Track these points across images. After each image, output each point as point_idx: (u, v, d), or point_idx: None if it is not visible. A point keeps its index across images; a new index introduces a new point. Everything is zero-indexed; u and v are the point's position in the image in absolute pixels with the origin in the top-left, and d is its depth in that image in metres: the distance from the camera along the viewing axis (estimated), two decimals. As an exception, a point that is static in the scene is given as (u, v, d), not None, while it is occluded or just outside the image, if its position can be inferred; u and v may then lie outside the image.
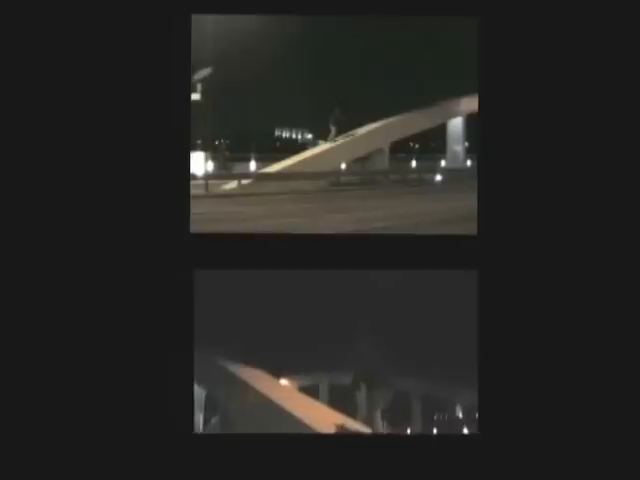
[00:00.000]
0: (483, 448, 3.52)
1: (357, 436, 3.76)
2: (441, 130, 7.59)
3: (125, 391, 3.47)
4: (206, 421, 4.33)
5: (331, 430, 3.88)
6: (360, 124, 7.30)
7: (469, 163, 7.54)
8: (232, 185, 6.50)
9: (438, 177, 7.01)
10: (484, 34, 3.52)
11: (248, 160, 6.95)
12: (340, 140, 7.19)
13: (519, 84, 3.53)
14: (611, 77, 3.52)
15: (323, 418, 4.09)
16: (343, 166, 7.14)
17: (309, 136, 7.41)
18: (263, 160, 7.01)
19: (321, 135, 7.35)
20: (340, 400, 4.40)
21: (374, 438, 3.77)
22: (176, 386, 3.47)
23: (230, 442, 3.59)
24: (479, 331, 3.51)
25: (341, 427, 3.95)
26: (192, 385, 3.58)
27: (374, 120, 7.36)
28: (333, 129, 7.12)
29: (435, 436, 3.85)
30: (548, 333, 3.50)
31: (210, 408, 4.31)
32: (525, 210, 3.51)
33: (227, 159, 6.58)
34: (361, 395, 4.25)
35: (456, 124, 7.56)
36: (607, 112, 3.52)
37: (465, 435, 3.97)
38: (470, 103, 7.18)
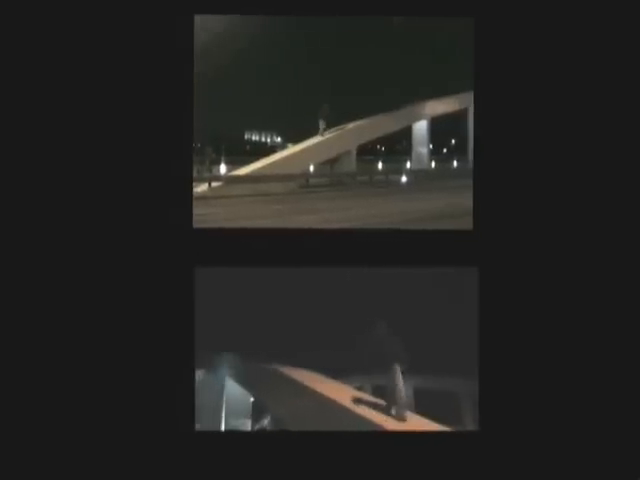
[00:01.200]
0: (483, 445, 3.55)
1: (356, 433, 3.71)
2: (406, 133, 7.66)
3: (125, 388, 3.48)
4: (255, 424, 4.26)
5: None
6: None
7: (433, 164, 7.68)
8: (203, 188, 6.45)
9: (404, 178, 7.07)
10: (479, 34, 3.57)
11: (218, 163, 6.90)
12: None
13: (512, 80, 3.58)
14: (604, 73, 3.58)
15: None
16: (312, 168, 7.18)
17: (278, 139, 7.47)
18: (233, 163, 7.05)
19: (291, 138, 7.42)
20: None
21: (374, 436, 3.71)
22: (177, 383, 3.48)
23: (230, 440, 3.61)
24: (479, 328, 3.54)
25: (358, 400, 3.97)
26: (193, 382, 3.54)
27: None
28: (321, 124, 7.14)
29: (435, 433, 3.78)
30: (548, 331, 3.52)
31: (258, 412, 4.24)
32: (522, 204, 3.54)
33: (212, 162, 6.62)
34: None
35: (421, 127, 7.63)
36: (600, 107, 3.56)
37: (465, 432, 3.91)
38: (434, 106, 7.53)
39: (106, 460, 3.48)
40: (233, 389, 4.31)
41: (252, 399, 4.29)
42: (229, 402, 4.35)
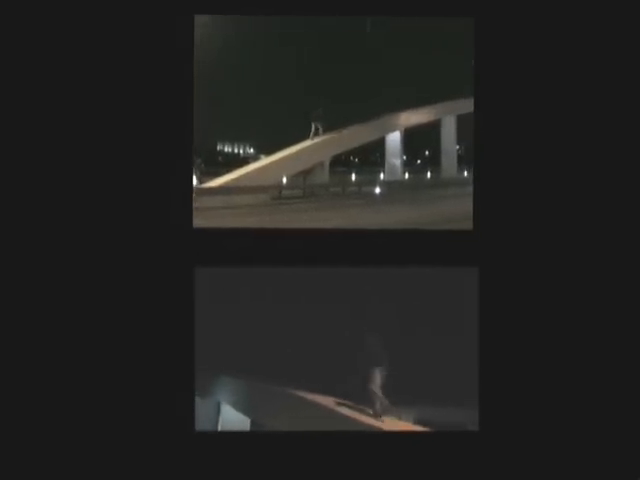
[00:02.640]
0: (483, 445, 3.58)
1: (356, 433, 3.76)
2: (380, 144, 7.65)
3: (125, 388, 3.53)
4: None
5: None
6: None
7: (407, 175, 7.62)
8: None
9: (378, 189, 7.09)
10: (479, 34, 3.61)
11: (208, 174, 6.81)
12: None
13: (512, 80, 3.63)
14: (605, 74, 3.64)
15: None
16: (285, 180, 7.14)
17: (251, 150, 7.43)
18: (205, 175, 6.95)
19: (264, 149, 7.37)
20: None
21: (374, 435, 3.74)
22: (177, 383, 3.48)
23: (230, 440, 3.63)
24: (479, 328, 3.56)
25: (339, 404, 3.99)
26: (193, 382, 3.53)
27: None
28: (313, 127, 7.13)
29: (434, 433, 3.81)
30: (548, 331, 3.55)
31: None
32: (522, 204, 3.57)
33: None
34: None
35: (394, 138, 7.60)
36: (601, 108, 3.62)
37: (465, 432, 3.93)
38: (408, 117, 7.47)
39: (106, 460, 3.52)
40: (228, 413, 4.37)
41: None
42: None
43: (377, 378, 4.20)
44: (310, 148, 7.30)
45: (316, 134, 7.19)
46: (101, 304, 3.51)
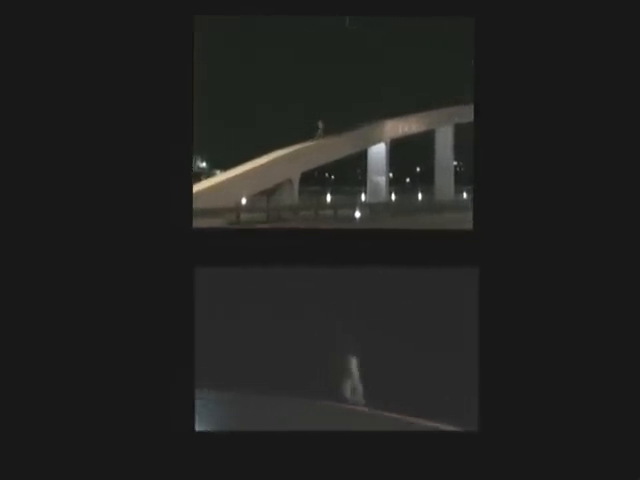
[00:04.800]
0: (483, 445, 3.64)
1: (356, 433, 3.87)
2: (361, 158, 7.27)
3: (124, 388, 3.61)
4: None
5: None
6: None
7: (393, 197, 7.33)
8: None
9: (357, 213, 6.72)
10: (479, 34, 3.72)
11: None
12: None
13: (512, 80, 3.69)
14: (606, 75, 3.67)
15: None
16: (244, 201, 6.59)
17: (203, 164, 6.94)
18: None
19: (220, 164, 6.84)
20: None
21: (374, 435, 3.84)
22: (177, 383, 3.62)
23: (230, 440, 3.72)
24: (479, 329, 3.65)
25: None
26: (193, 382, 3.69)
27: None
28: (321, 126, 6.87)
29: (434, 433, 3.89)
30: (548, 331, 3.61)
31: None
32: (522, 204, 3.66)
33: None
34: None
35: (378, 151, 7.21)
36: (602, 108, 3.67)
37: (465, 432, 3.89)
38: (395, 127, 7.13)
39: (106, 460, 3.59)
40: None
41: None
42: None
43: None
44: (275, 162, 6.89)
45: (321, 135, 6.94)
46: (101, 304, 3.65)
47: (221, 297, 4.23)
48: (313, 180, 7.07)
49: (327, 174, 7.17)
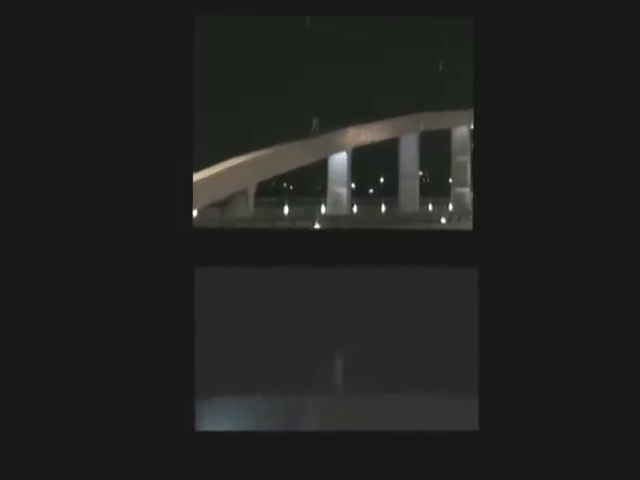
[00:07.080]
0: (483, 445, 3.66)
1: (356, 433, 3.83)
2: (321, 167, 7.12)
3: (124, 388, 3.64)
4: None
5: None
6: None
7: (355, 209, 7.21)
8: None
9: (317, 226, 6.82)
10: (481, 34, 3.73)
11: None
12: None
13: (512, 80, 3.70)
14: (609, 75, 3.67)
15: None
16: (194, 213, 6.29)
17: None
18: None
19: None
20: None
21: (373, 435, 3.81)
22: (177, 383, 3.66)
23: (230, 440, 3.75)
24: (479, 329, 3.65)
25: None
26: (193, 381, 3.68)
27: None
28: (315, 122, 6.93)
29: (434, 433, 3.80)
30: (548, 331, 3.63)
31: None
32: (522, 204, 3.69)
33: None
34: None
35: (339, 161, 7.07)
36: (605, 108, 3.68)
37: (465, 432, 3.83)
38: (357, 135, 6.99)
39: (106, 460, 3.63)
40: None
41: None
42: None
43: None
44: (229, 171, 6.73)
45: (316, 131, 6.90)
46: (100, 304, 3.67)
47: (221, 297, 4.28)
48: (270, 191, 6.96)
49: (285, 184, 7.04)
